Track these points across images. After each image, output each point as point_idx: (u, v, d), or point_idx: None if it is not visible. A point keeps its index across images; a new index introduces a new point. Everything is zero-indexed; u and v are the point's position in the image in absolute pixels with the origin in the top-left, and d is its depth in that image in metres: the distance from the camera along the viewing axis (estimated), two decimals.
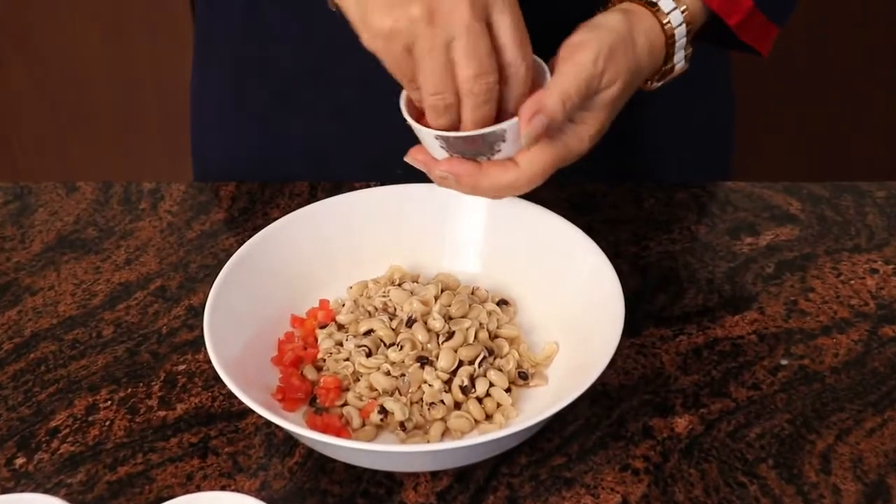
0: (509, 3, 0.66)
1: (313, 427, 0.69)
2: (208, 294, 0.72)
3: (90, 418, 0.73)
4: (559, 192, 0.74)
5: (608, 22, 0.71)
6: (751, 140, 1.81)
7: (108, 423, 0.72)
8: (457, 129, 0.69)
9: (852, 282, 0.82)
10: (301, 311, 0.77)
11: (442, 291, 0.76)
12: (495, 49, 0.66)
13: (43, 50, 1.96)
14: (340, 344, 0.74)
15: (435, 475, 0.68)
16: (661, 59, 0.75)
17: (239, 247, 0.76)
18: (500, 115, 0.69)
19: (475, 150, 0.70)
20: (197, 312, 0.81)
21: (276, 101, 0.94)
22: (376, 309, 0.76)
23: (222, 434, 0.71)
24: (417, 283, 0.78)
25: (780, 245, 0.86)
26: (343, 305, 0.77)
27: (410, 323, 0.73)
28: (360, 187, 0.83)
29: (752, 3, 0.78)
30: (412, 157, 0.73)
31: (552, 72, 0.70)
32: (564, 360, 0.74)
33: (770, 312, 0.79)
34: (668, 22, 0.74)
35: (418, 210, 0.81)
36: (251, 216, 0.90)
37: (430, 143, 0.71)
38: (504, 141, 0.69)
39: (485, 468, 0.68)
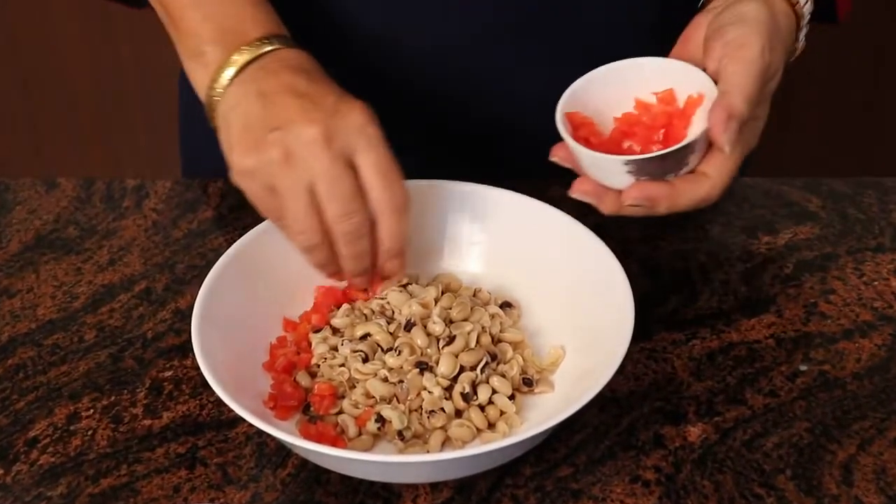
0: (373, 143, 0.70)
1: (307, 436, 0.69)
2: (196, 296, 0.72)
3: (71, 427, 0.73)
4: (566, 189, 0.74)
5: (752, 12, 0.73)
6: (769, 134, 1.81)
7: (90, 433, 0.73)
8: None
9: (875, 283, 0.82)
10: (294, 314, 0.78)
11: (442, 293, 0.77)
12: (362, 188, 0.70)
13: (21, 39, 1.96)
14: (335, 349, 0.74)
15: (435, 487, 0.68)
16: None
17: (228, 246, 0.76)
18: (375, 249, 0.72)
19: (665, 169, 0.71)
20: (184, 316, 0.81)
21: None
22: (373, 312, 0.76)
23: (211, 444, 0.71)
24: (416, 284, 0.78)
25: (800, 244, 0.86)
26: (338, 308, 0.78)
27: (409, 326, 0.73)
28: None
29: None
30: (579, 191, 0.74)
31: (712, 74, 0.73)
32: (571, 366, 0.74)
33: (788, 315, 0.80)
34: (797, 3, 0.76)
35: (418, 208, 0.81)
36: (241, 214, 0.90)
37: (611, 170, 0.72)
38: (693, 153, 0.71)
39: (487, 479, 0.68)
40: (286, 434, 0.65)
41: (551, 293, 0.77)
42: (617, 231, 0.85)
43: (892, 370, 0.75)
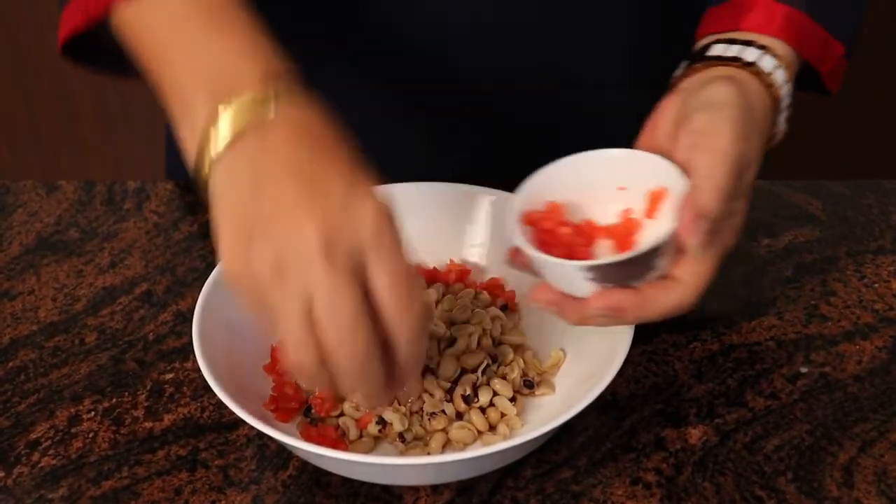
0: (385, 250, 0.57)
1: (308, 438, 0.69)
2: (197, 299, 0.72)
3: (73, 430, 0.73)
4: None
5: (722, 96, 0.66)
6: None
7: (91, 435, 0.73)
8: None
9: (876, 285, 0.82)
10: None
11: (443, 295, 0.77)
12: (374, 307, 0.57)
13: (20, 40, 1.96)
14: None
15: (436, 489, 0.68)
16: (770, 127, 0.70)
17: None
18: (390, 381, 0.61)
19: (629, 275, 0.64)
20: (185, 318, 0.81)
21: None
22: None
23: (212, 446, 0.71)
24: None
25: (800, 246, 0.86)
26: None
27: None
28: None
29: (843, 49, 0.75)
30: (539, 299, 0.65)
31: (681, 164, 0.65)
32: (572, 368, 0.74)
33: (789, 317, 0.80)
34: (773, 84, 0.69)
35: (417, 210, 0.81)
36: None
37: (571, 276, 0.63)
38: (660, 257, 0.63)
39: (488, 482, 0.68)
40: (287, 436, 0.64)
41: None
42: None
43: (893, 372, 0.75)
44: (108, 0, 0.64)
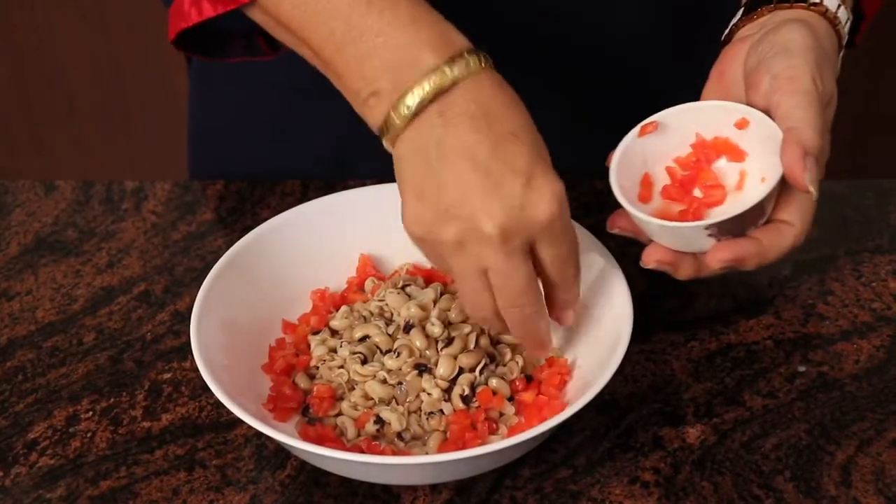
0: (557, 238, 0.64)
1: (306, 438, 0.69)
2: (195, 299, 0.72)
3: (71, 430, 0.73)
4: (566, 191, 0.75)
5: (797, 40, 0.69)
6: None
7: (89, 435, 0.73)
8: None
9: (873, 284, 0.82)
10: (293, 316, 0.78)
11: (441, 295, 0.77)
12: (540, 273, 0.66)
13: (18, 39, 1.97)
14: (334, 350, 0.74)
15: (434, 488, 0.68)
16: None
17: (227, 249, 0.77)
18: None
19: (746, 224, 0.68)
20: (183, 318, 0.81)
21: (292, 105, 0.94)
22: (372, 314, 0.76)
23: (210, 446, 0.71)
24: (415, 286, 0.78)
25: (798, 245, 0.86)
26: (337, 310, 0.78)
27: (408, 328, 0.73)
28: (355, 186, 0.83)
29: None
30: (655, 261, 0.70)
31: (761, 110, 0.69)
32: (570, 368, 0.74)
33: (787, 317, 0.80)
34: (838, 23, 0.72)
35: None
36: (240, 216, 0.90)
37: (690, 236, 0.68)
38: (771, 200, 0.68)
39: (487, 481, 0.68)
40: (285, 436, 0.65)
41: None
42: None
43: (891, 371, 0.75)
44: None
